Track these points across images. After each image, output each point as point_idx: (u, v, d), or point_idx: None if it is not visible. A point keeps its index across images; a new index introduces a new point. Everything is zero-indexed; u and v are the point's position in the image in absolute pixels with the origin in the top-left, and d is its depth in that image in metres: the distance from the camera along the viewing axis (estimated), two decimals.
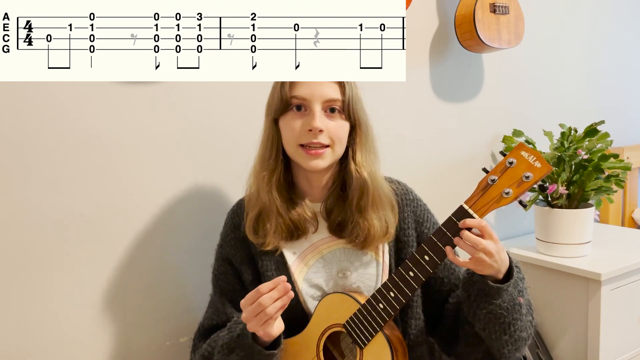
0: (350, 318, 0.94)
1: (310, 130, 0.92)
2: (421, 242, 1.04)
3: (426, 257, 0.88)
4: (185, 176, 1.25)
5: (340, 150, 0.97)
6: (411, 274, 0.89)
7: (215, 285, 1.07)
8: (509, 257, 0.90)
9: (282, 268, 1.00)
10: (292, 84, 0.94)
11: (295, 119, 0.94)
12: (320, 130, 0.92)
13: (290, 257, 1.01)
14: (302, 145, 0.94)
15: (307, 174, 1.00)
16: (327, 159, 0.95)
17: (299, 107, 0.94)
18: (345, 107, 0.95)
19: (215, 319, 1.04)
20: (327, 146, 0.94)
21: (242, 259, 1.03)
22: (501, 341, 0.89)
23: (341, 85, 0.95)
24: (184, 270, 1.27)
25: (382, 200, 0.99)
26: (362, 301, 0.93)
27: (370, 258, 1.02)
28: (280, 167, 0.98)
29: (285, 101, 0.94)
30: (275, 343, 0.91)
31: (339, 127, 0.95)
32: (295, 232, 1.00)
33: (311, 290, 1.00)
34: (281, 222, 0.98)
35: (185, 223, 1.26)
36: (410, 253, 0.94)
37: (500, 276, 0.88)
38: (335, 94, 0.94)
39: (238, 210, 1.07)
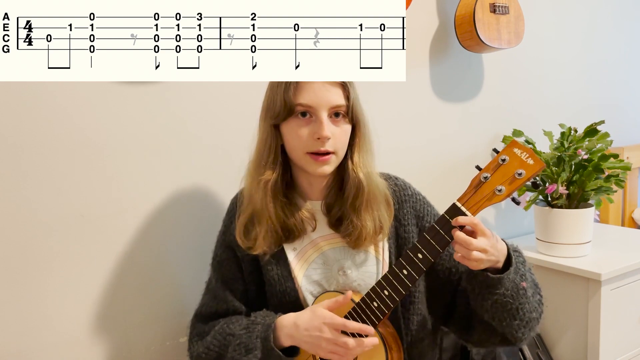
0: (345, 316, 0.94)
1: (319, 138, 0.92)
2: None
3: (419, 255, 0.88)
4: (184, 176, 1.25)
5: (343, 154, 0.97)
6: (405, 272, 0.89)
7: (218, 271, 1.06)
8: (507, 244, 0.91)
9: (283, 264, 1.00)
10: (295, 90, 0.91)
11: (301, 127, 0.93)
12: (328, 138, 0.92)
13: (290, 253, 1.01)
14: (309, 152, 0.94)
15: (309, 175, 1.00)
16: (332, 164, 0.96)
17: (303, 114, 0.92)
18: (350, 111, 0.95)
19: (215, 306, 1.04)
20: (333, 152, 0.94)
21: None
22: (513, 326, 0.90)
23: (345, 89, 0.93)
24: (183, 271, 1.27)
25: (377, 199, 0.99)
26: (357, 300, 0.93)
27: (371, 256, 1.02)
28: (278, 171, 0.97)
29: (289, 108, 0.91)
30: (292, 350, 0.93)
31: (343, 133, 0.95)
32: (290, 234, 1.00)
33: (311, 286, 1.01)
34: (272, 227, 0.97)
35: (185, 223, 1.26)
36: (404, 251, 0.94)
37: (500, 265, 0.89)
38: (340, 99, 0.93)
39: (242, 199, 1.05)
